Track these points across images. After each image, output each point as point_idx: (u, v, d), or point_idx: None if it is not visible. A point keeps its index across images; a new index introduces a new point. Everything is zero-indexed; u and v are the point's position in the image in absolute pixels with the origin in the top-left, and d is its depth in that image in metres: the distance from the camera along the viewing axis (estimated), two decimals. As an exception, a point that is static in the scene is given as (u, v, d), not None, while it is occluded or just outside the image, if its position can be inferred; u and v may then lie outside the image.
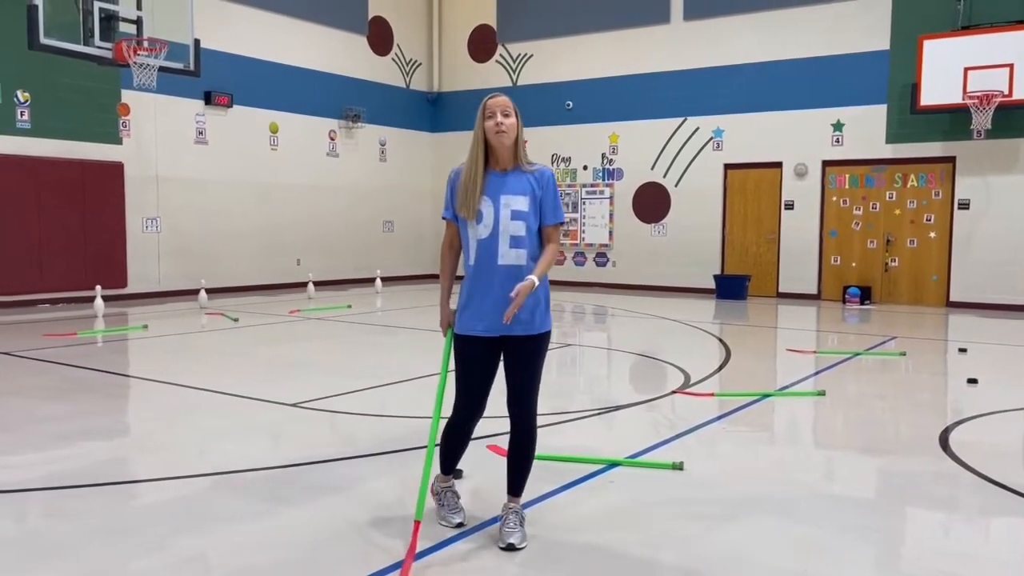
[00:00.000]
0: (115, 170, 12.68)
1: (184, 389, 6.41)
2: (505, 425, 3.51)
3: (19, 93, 11.58)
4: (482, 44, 17.86)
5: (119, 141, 12.77)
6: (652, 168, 15.88)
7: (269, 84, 14.93)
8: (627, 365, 8.12)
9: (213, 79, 13.34)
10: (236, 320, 10.69)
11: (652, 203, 15.93)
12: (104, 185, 12.51)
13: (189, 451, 4.73)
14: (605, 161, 16.46)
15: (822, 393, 6.36)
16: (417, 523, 3.30)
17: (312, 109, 15.83)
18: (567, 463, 4.39)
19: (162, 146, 13.37)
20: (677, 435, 5.09)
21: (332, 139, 16.34)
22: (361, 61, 16.87)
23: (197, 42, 10.39)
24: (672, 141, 15.60)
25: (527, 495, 3.59)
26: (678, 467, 4.29)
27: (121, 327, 10.16)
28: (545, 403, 6.11)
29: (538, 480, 4.07)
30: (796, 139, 14.32)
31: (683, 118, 15.45)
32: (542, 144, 17.15)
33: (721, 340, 9.47)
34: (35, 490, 4.00)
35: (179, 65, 10.19)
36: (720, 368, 7.59)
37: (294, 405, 5.83)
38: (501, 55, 17.61)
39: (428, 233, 18.60)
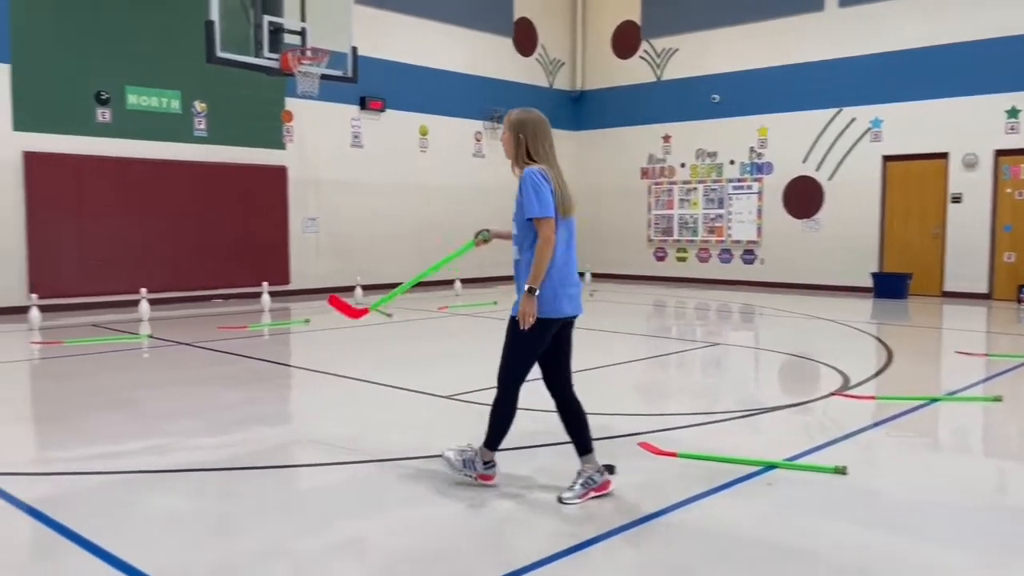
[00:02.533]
0: (279, 174, 13.53)
1: (345, 380, 6.77)
2: (655, 423, 3.51)
3: (196, 104, 12.56)
4: (626, 40, 17.76)
5: (283, 146, 13.62)
6: (804, 161, 15.29)
7: (419, 88, 15.46)
8: (779, 366, 7.88)
9: (367, 85, 13.95)
10: (390, 316, 11.13)
11: (804, 198, 15.33)
12: (269, 188, 13.38)
13: (351, 438, 5.00)
14: (753, 155, 15.99)
15: (998, 399, 5.94)
16: (365, 311, 4.92)
17: (459, 111, 16.25)
18: (721, 464, 4.33)
19: (321, 150, 14.14)
20: (836, 439, 4.91)
21: (478, 140, 16.72)
22: (506, 62, 17.16)
23: (355, 50, 10.90)
24: (826, 133, 14.96)
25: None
26: (841, 471, 4.13)
27: (285, 321, 10.83)
28: (692, 403, 6.06)
29: (692, 481, 4.05)
30: (964, 127, 13.39)
31: (838, 109, 14.78)
32: (687, 139, 16.89)
33: (881, 341, 9.01)
34: (213, 470, 4.36)
35: (338, 72, 10.73)
36: (881, 370, 7.23)
37: (448, 397, 6.04)
38: (645, 51, 17.44)
39: (571, 231, 18.69)
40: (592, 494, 3.79)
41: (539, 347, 3.79)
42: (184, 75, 12.30)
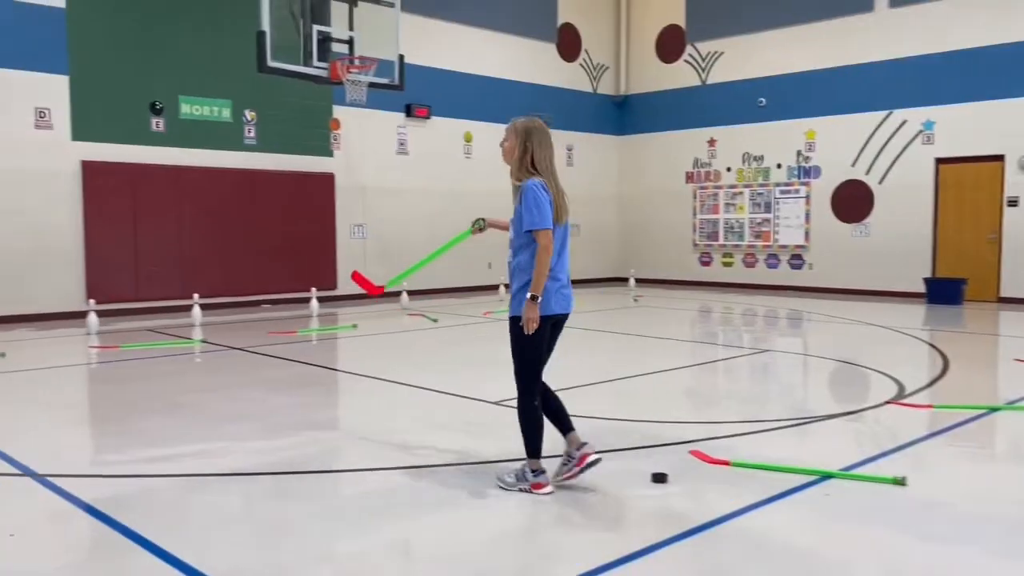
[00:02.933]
0: (327, 181, 13.71)
1: (393, 385, 6.83)
2: (705, 431, 3.47)
3: (247, 112, 12.79)
4: (670, 44, 17.66)
5: (330, 154, 13.81)
6: (853, 165, 15.03)
7: (464, 95, 15.55)
8: (830, 373, 7.75)
9: (413, 92, 14.07)
10: (436, 321, 11.22)
11: (853, 202, 15.07)
12: (317, 195, 13.57)
13: (399, 443, 5.04)
14: (801, 159, 15.77)
15: (1060, 409, 5.77)
16: (382, 288, 5.35)
17: (503, 117, 16.12)
18: (775, 473, 4.27)
19: (368, 157, 14.30)
20: (894, 448, 4.81)
21: (522, 145, 16.72)
22: (550, 68, 17.18)
23: (402, 58, 11.02)
24: (876, 136, 14.70)
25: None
26: (900, 482, 4.04)
27: (333, 326, 10.96)
28: (742, 410, 5.98)
29: (746, 490, 4.01)
30: (1020, 129, 13.04)
31: (888, 111, 14.51)
32: (732, 143, 16.72)
33: (935, 348, 8.81)
34: (265, 474, 4.42)
35: (385, 80, 10.86)
36: (937, 378, 7.07)
37: (496, 403, 6.06)
38: (690, 54, 17.32)
39: (613, 236, 18.66)
40: (576, 469, 3.98)
41: (543, 343, 3.99)
42: (235, 84, 12.55)
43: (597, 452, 4.05)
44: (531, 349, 3.94)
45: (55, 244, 11.18)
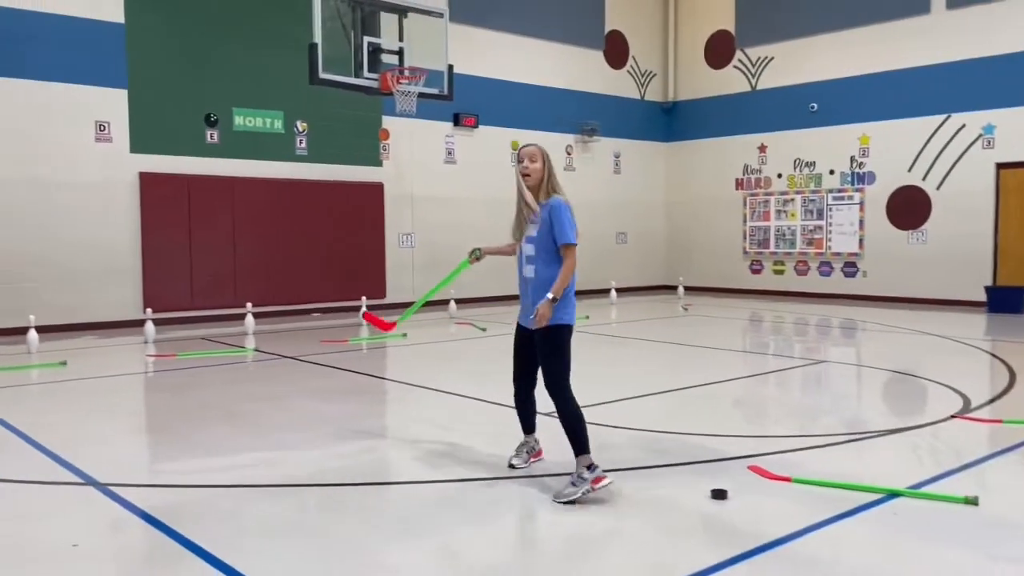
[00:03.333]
0: (376, 190, 13.83)
1: (444, 395, 6.82)
2: (762, 445, 3.38)
3: (298, 124, 12.98)
4: (719, 50, 17.47)
5: (380, 164, 13.93)
6: (909, 170, 14.68)
7: (511, 104, 15.57)
8: (890, 385, 7.54)
9: (461, 102, 14.12)
10: (484, 330, 11.22)
11: (909, 208, 14.71)
12: (367, 204, 13.69)
13: (451, 454, 5.02)
14: (854, 164, 15.45)
15: None
16: (393, 324, 5.81)
17: (550, 126, 16.28)
18: (839, 490, 4.15)
19: (416, 167, 14.39)
20: (963, 466, 4.65)
21: (568, 154, 16.71)
22: (597, 75, 17.12)
23: (451, 68, 11.06)
24: (933, 140, 14.33)
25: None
26: (972, 502, 3.89)
27: (383, 335, 11.01)
28: (799, 423, 5.83)
29: (810, 508, 3.90)
30: (1088, 132, 12.62)
31: (946, 115, 14.14)
32: (783, 149, 16.46)
33: (999, 359, 8.52)
34: (318, 486, 4.43)
35: (435, 90, 10.91)
36: (1004, 392, 6.83)
37: (548, 415, 6.00)
38: (740, 60, 17.11)
39: (660, 245, 18.50)
40: (532, 460, 4.67)
41: (570, 348, 4.29)
42: (286, 96, 12.74)
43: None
44: (565, 352, 4.26)
45: (114, 254, 11.45)
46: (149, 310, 10.56)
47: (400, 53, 10.54)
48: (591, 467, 4.05)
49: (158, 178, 11.71)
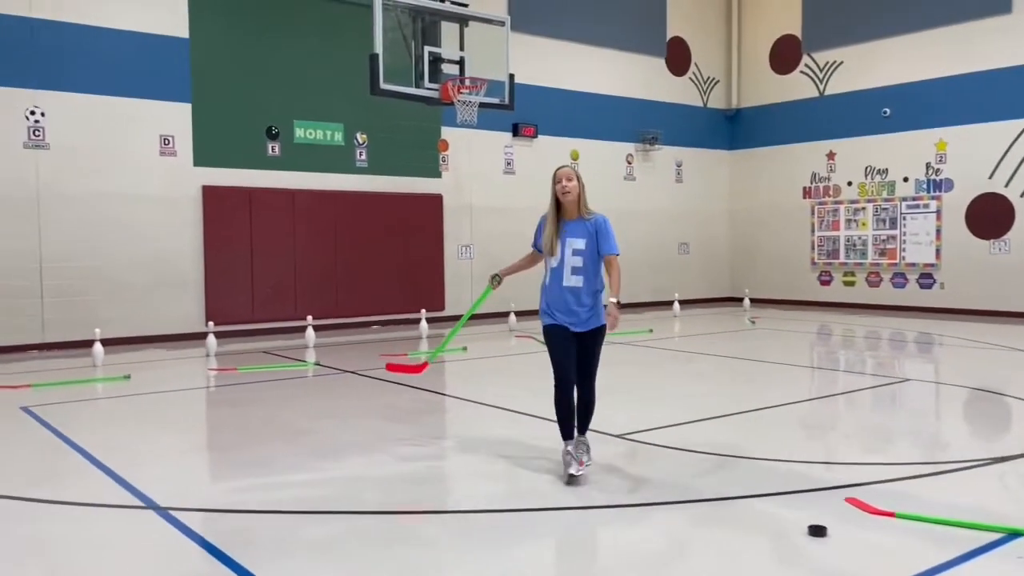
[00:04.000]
0: (435, 202, 13.70)
1: (510, 414, 6.58)
2: (856, 474, 3.04)
3: (358, 136, 12.94)
4: (785, 55, 16.97)
5: (439, 175, 13.81)
6: (990, 177, 13.99)
7: (571, 113, 15.33)
8: (988, 407, 7.05)
9: (520, 111, 13.89)
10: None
11: (991, 216, 14.01)
12: (426, 216, 13.57)
13: (516, 478, 4.76)
14: (930, 171, 14.81)
15: None
16: (425, 365, 6.44)
17: (610, 134, 15.99)
18: (951, 528, 3.77)
19: (475, 177, 14.24)
20: (1084, 501, 4.23)
21: (629, 163, 16.39)
22: (658, 83, 16.78)
23: (512, 77, 10.86)
24: (1016, 145, 13.64)
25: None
26: (1109, 547, 3.50)
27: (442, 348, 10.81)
28: (894, 449, 5.39)
29: (920, 549, 3.54)
30: None
31: (1030, 119, 13.46)
32: (853, 156, 15.88)
33: (1102, 379, 7.94)
34: (378, 513, 4.22)
35: (495, 100, 10.71)
36: (1114, 415, 6.31)
37: (620, 436, 5.72)
38: (807, 65, 16.59)
39: (724, 255, 18.02)
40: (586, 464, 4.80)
41: (559, 342, 4.77)
42: (346, 108, 12.71)
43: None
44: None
45: (177, 267, 11.52)
46: (211, 323, 10.56)
47: (461, 63, 10.37)
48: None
49: (220, 191, 11.76)
